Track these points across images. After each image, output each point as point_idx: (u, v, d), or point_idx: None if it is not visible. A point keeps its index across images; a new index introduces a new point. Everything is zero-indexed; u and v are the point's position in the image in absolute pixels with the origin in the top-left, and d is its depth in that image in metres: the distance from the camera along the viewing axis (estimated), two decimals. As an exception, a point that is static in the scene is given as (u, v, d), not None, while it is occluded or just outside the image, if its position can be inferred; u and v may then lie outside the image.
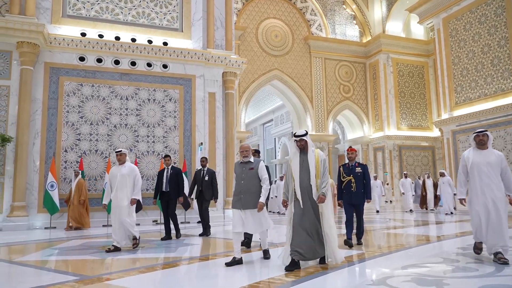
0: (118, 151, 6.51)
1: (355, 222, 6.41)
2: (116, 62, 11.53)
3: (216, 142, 12.36)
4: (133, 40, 11.71)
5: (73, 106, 10.99)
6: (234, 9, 21.65)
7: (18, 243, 7.53)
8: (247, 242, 6.08)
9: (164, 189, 7.82)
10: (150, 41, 11.91)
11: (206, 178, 8.25)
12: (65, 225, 10.10)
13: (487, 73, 18.18)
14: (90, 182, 10.80)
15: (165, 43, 12.03)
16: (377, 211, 15.08)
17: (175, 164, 11.54)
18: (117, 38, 11.54)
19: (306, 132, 4.82)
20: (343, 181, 6.32)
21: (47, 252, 6.47)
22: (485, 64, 18.30)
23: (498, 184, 4.76)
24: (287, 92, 24.83)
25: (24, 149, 10.11)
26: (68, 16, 11.37)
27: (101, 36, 11.41)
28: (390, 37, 25.43)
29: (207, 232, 8.15)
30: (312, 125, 24.62)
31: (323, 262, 4.67)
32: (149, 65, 11.87)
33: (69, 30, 11.25)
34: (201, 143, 11.89)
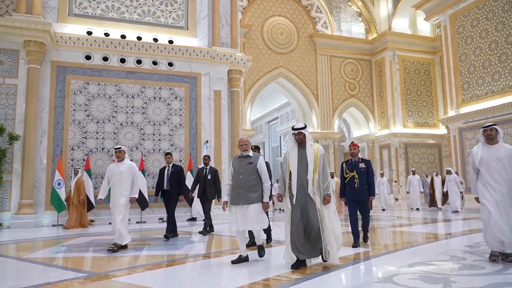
0: (117, 148, 6.43)
1: (360, 220, 6.21)
2: (122, 61, 11.57)
3: (222, 140, 12.38)
4: (139, 39, 11.75)
5: (80, 105, 11.06)
6: (240, 7, 21.66)
7: (26, 240, 7.61)
8: (252, 243, 6.05)
9: (165, 187, 7.77)
10: (156, 40, 11.94)
11: (209, 177, 8.10)
12: (67, 222, 9.84)
13: (495, 70, 18.01)
14: (97, 180, 10.87)
15: (171, 41, 12.06)
16: (383, 209, 14.99)
17: (181, 162, 11.60)
18: (123, 37, 11.59)
19: (305, 126, 4.68)
20: (346, 177, 6.09)
21: (55, 249, 6.52)
22: (493, 61, 18.13)
23: (509, 180, 4.49)
24: (293, 90, 24.78)
25: (32, 147, 10.20)
26: (74, 15, 11.44)
27: (107, 35, 11.47)
28: (396, 34, 25.26)
29: (207, 232, 8.05)
30: (318, 123, 24.56)
31: (326, 260, 4.53)
32: (155, 63, 11.91)
33: (75, 29, 11.31)
34: (207, 141, 11.90)
